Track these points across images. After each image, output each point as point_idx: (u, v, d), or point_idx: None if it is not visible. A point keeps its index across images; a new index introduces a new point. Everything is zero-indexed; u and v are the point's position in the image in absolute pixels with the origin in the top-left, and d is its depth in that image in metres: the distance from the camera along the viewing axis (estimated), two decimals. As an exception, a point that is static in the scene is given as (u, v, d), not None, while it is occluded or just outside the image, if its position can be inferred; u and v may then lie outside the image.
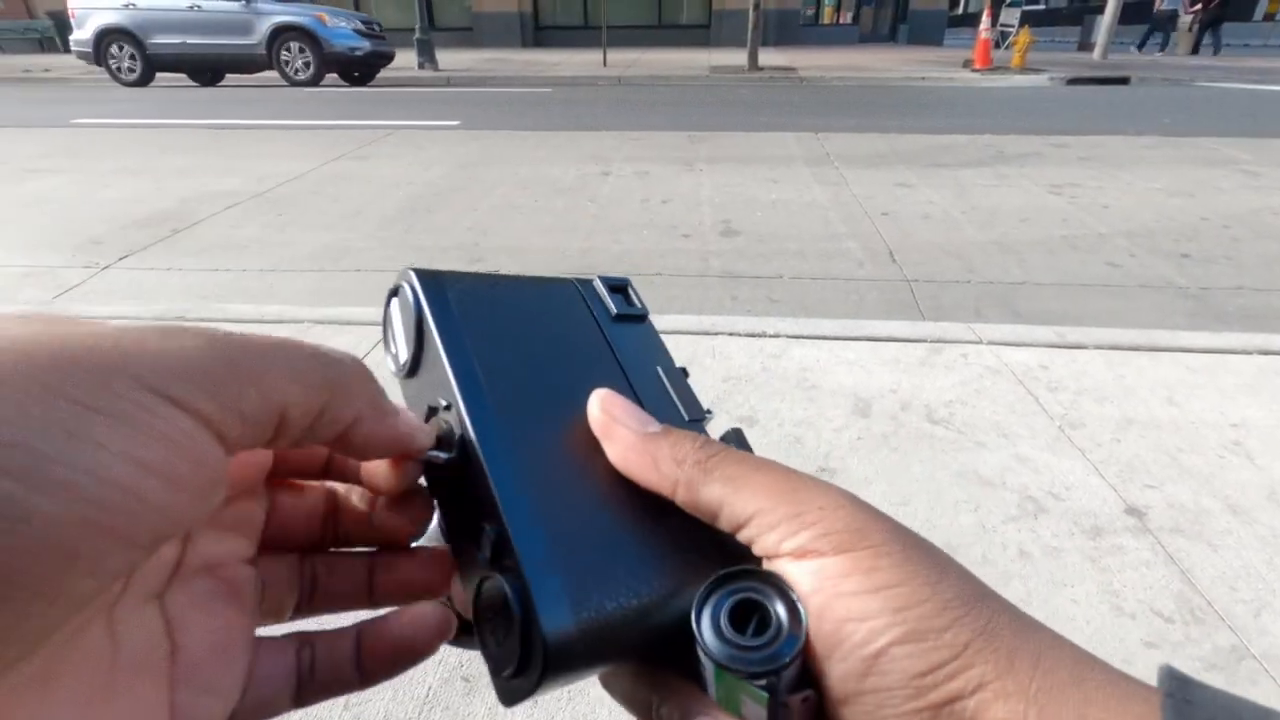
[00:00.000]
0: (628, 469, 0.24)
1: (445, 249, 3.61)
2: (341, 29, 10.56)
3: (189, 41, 10.56)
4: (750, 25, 11.98)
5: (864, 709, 0.20)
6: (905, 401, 2.02)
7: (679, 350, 2.28)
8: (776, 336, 2.39)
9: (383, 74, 11.78)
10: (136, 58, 10.75)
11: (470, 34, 18.58)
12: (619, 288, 0.30)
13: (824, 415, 1.96)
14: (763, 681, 0.19)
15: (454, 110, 8.31)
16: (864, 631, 0.19)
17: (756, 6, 11.83)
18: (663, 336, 0.30)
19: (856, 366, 2.21)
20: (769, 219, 4.06)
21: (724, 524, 0.23)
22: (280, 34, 10.43)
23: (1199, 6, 15.45)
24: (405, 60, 13.25)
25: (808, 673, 0.20)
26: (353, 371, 0.22)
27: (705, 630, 0.19)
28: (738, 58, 13.00)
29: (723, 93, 10.07)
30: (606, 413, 0.24)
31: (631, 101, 9.16)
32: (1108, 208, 4.21)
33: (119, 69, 10.90)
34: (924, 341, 2.37)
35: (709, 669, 0.20)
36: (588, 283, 0.30)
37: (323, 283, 3.22)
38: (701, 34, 18.38)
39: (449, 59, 14.03)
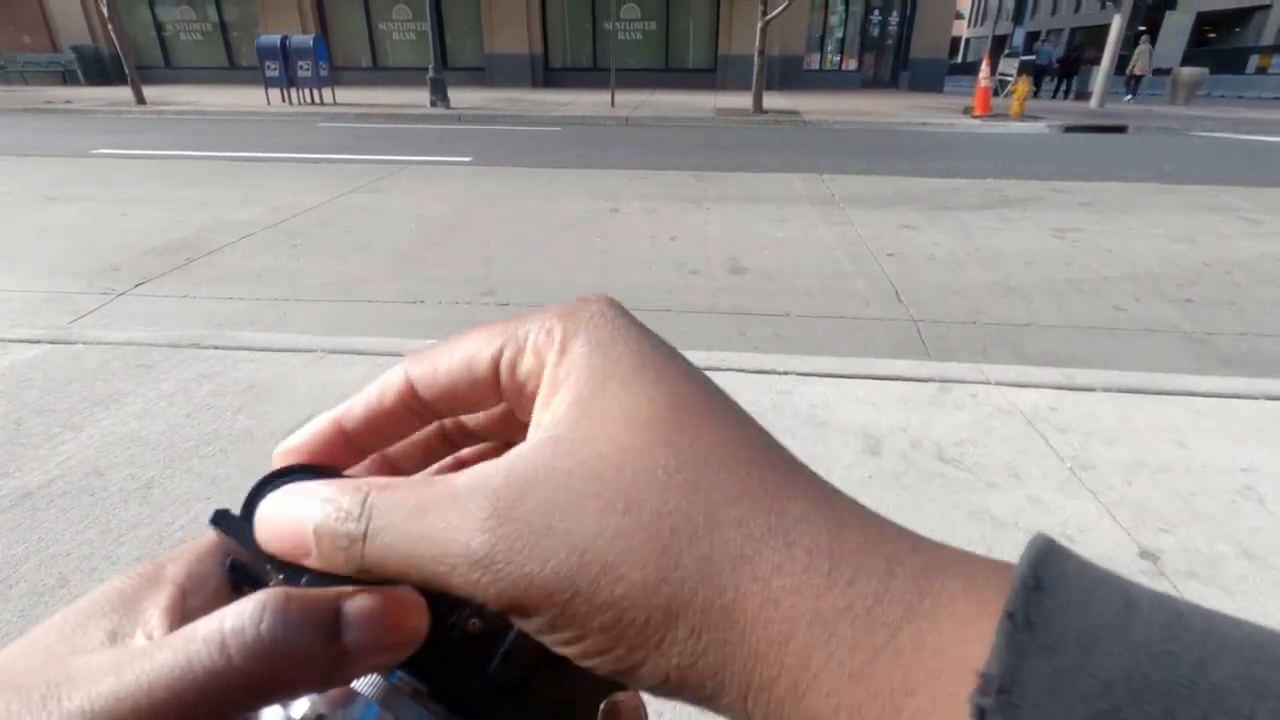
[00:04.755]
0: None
1: (457, 282, 3.65)
2: None
3: None
4: (755, 69, 12.29)
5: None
6: (915, 440, 2.03)
7: (689, 385, 2.30)
8: (786, 374, 2.41)
9: (395, 111, 12.06)
10: None
11: (482, 74, 19.06)
12: None
13: (835, 453, 1.96)
14: None
15: (465, 147, 8.49)
16: (586, 665, 0.18)
17: (761, 51, 12.15)
18: None
19: (866, 404, 2.23)
20: (776, 257, 4.11)
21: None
22: None
23: (1059, 63, 21.05)
24: (418, 98, 13.59)
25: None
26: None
27: None
28: (743, 100, 13.30)
29: (728, 134, 10.28)
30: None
31: (639, 141, 9.36)
32: (1111, 252, 4.27)
33: None
34: (932, 381, 2.39)
35: None
36: None
37: (336, 313, 3.25)
38: (707, 77, 18.84)
39: (461, 98, 14.36)
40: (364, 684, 0.20)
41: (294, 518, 0.20)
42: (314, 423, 0.23)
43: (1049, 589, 0.15)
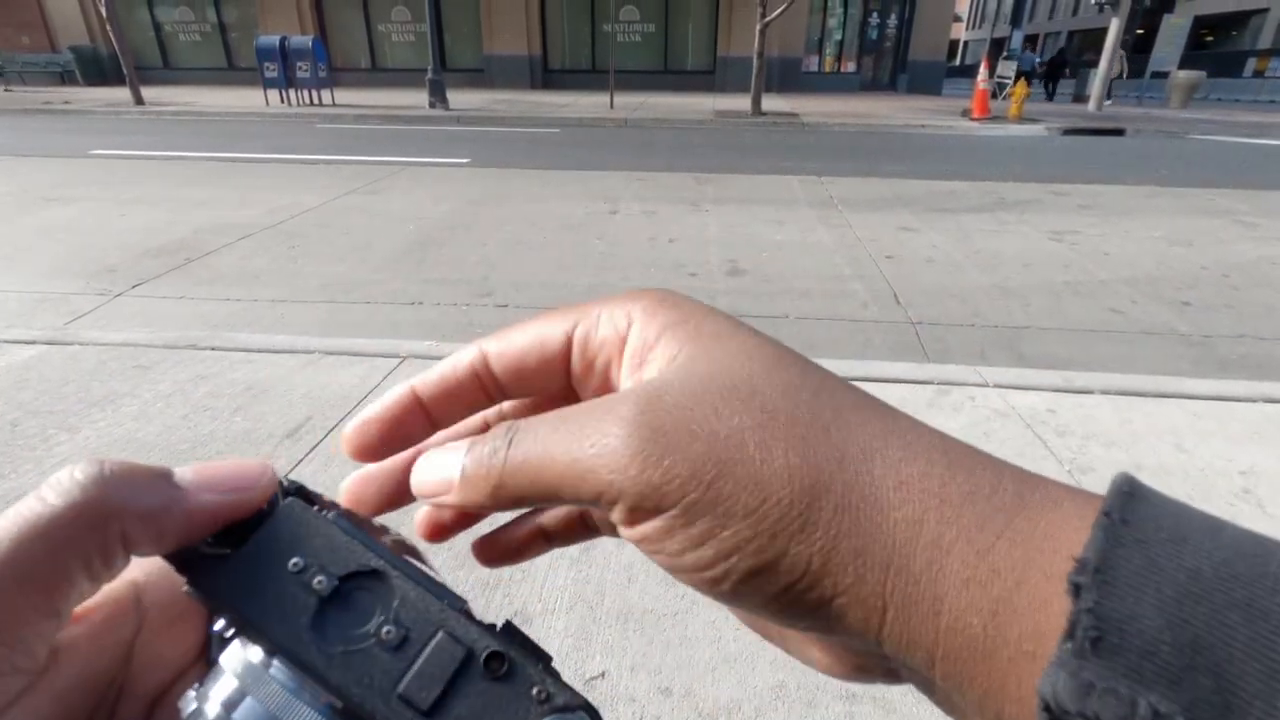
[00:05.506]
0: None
1: (455, 283, 3.65)
2: None
3: None
4: (754, 71, 12.31)
5: (751, 621, 0.23)
6: (914, 443, 2.02)
7: (687, 387, 2.29)
8: (784, 375, 2.40)
9: (395, 112, 12.06)
10: None
11: (481, 75, 19.06)
12: None
13: (833, 455, 1.96)
14: None
15: (464, 148, 8.49)
16: (711, 577, 0.19)
17: (760, 54, 12.17)
18: None
19: (864, 407, 2.22)
20: (774, 259, 4.11)
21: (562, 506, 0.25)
22: None
23: (1043, 65, 21.82)
24: (417, 99, 13.58)
25: None
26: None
27: None
28: (741, 103, 13.31)
29: (727, 136, 10.29)
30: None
31: (638, 143, 9.36)
32: (1109, 255, 4.27)
33: None
34: (931, 384, 2.39)
35: None
36: None
37: (333, 314, 3.25)
38: (706, 79, 18.85)
39: (460, 99, 14.36)
40: (265, 695, 0.19)
41: (443, 464, 0.22)
42: (394, 390, 0.24)
43: (1143, 499, 0.16)
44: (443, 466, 0.22)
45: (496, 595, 1.47)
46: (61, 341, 2.60)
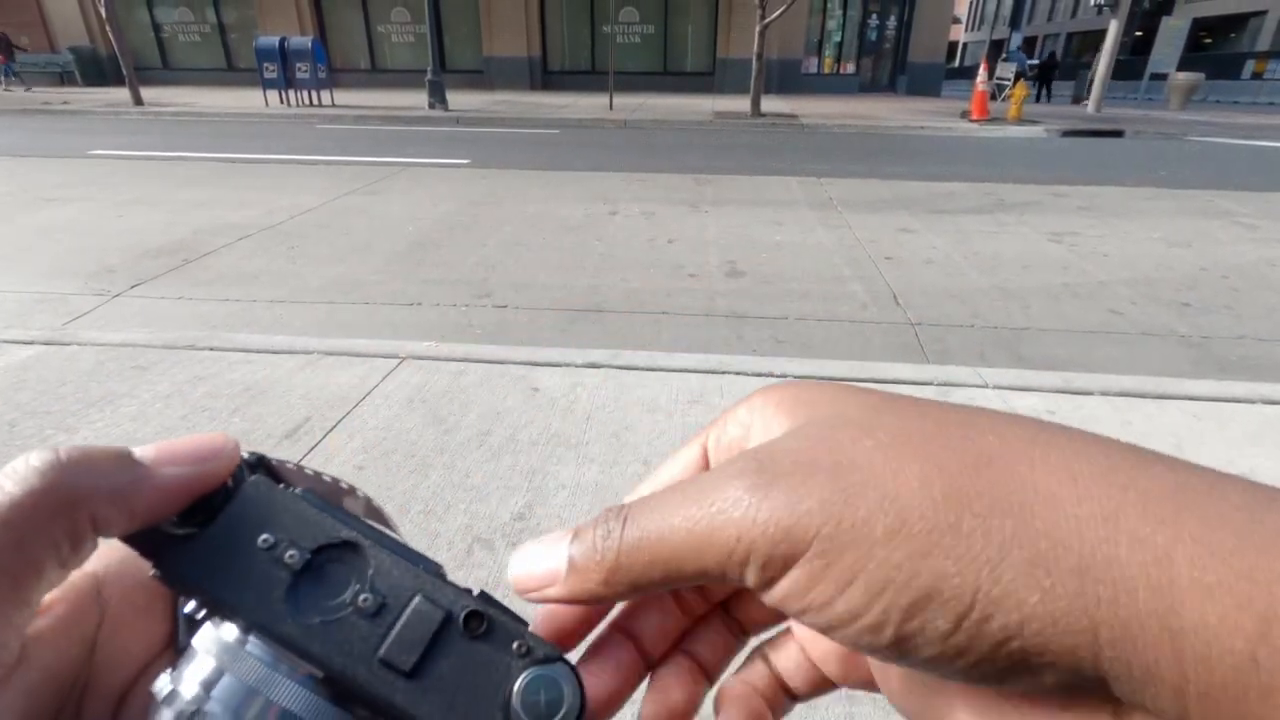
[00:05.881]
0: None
1: (454, 283, 3.65)
2: None
3: None
4: (753, 72, 12.32)
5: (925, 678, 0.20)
6: (913, 444, 2.02)
7: (686, 389, 2.29)
8: (784, 377, 2.40)
9: (394, 113, 12.06)
10: None
11: (481, 76, 19.06)
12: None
13: (833, 456, 1.96)
14: None
15: (463, 149, 8.49)
16: (869, 624, 0.16)
17: (760, 55, 12.17)
18: (671, 375, 0.26)
19: (864, 408, 2.22)
20: (774, 260, 4.11)
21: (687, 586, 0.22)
22: None
23: (1035, 69, 21.22)
24: (417, 100, 13.58)
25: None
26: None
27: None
28: (741, 104, 13.32)
29: (726, 137, 10.29)
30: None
31: (638, 144, 9.36)
32: (1108, 256, 4.28)
33: None
34: (930, 385, 2.39)
35: None
36: None
37: (332, 314, 3.24)
38: (705, 80, 18.86)
39: (459, 100, 14.36)
40: (243, 670, 0.19)
41: (544, 554, 0.21)
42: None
43: None
44: (544, 557, 0.21)
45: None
46: (60, 342, 2.60)
